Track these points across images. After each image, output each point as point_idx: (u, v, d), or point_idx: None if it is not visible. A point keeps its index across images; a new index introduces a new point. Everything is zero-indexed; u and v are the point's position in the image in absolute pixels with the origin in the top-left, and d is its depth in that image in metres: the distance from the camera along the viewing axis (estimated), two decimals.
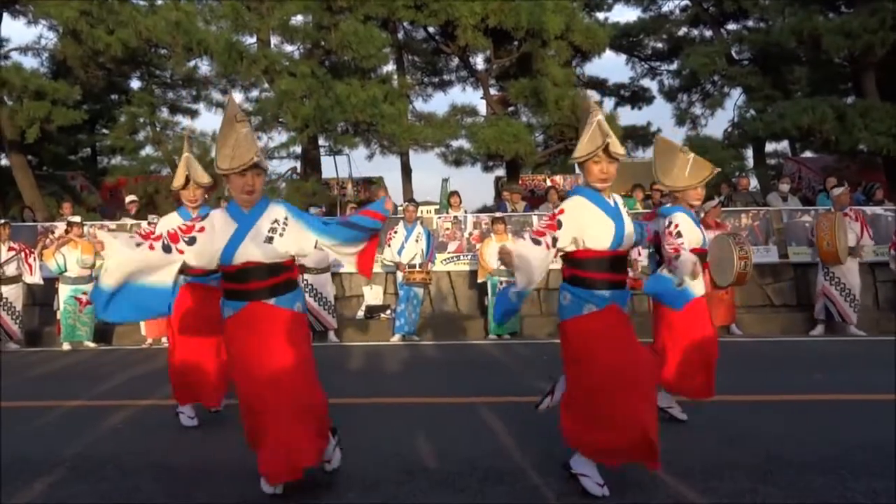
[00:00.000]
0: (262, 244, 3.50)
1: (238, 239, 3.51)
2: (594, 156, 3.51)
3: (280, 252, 3.54)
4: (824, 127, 13.89)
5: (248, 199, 3.55)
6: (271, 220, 3.55)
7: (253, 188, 3.53)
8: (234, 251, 3.50)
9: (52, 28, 16.68)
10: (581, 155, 3.56)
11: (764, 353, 8.43)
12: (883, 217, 11.48)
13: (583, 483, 3.53)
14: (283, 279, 3.61)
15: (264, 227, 3.53)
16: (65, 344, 10.28)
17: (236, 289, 3.60)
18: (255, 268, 3.53)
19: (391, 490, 3.67)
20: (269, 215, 3.57)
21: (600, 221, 3.55)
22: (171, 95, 20.44)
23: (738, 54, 18.78)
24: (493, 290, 10.41)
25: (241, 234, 3.51)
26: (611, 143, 3.47)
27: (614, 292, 3.57)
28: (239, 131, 3.51)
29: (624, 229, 3.57)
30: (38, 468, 4.16)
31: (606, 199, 3.62)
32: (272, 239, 3.52)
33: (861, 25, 13.55)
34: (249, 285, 3.56)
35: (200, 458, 4.36)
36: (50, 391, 6.92)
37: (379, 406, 5.83)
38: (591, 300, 3.54)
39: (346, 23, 14.14)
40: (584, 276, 3.59)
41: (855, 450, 4.13)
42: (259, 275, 3.54)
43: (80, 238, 10.54)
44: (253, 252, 3.50)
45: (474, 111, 17.69)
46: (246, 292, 3.57)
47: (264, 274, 3.55)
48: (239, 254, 3.51)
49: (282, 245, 3.54)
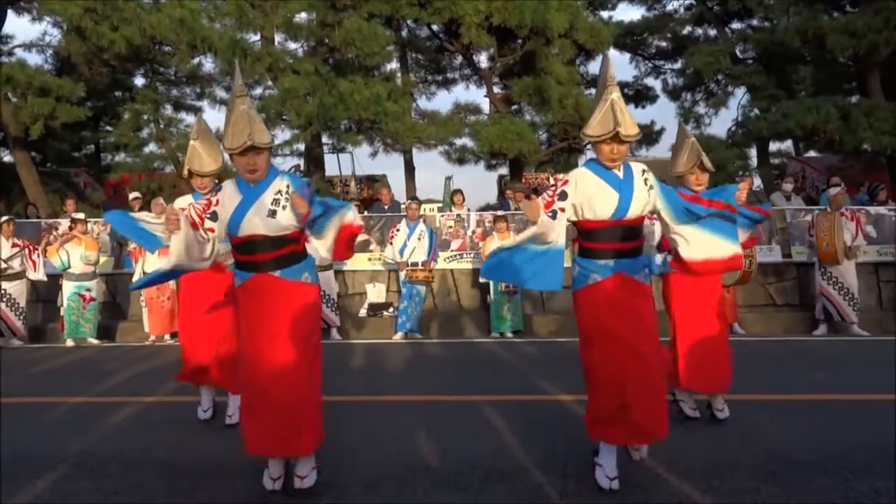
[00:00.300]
0: (265, 218, 3.52)
1: (242, 211, 3.54)
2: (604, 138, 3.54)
3: (283, 225, 3.55)
4: (828, 126, 13.86)
5: (251, 177, 3.57)
6: (275, 192, 3.56)
7: (255, 167, 3.53)
8: (239, 223, 3.55)
9: (57, 25, 16.69)
10: (591, 135, 3.57)
11: (766, 352, 8.42)
12: (887, 217, 11.45)
13: (595, 473, 3.60)
14: (288, 251, 3.63)
15: (268, 200, 3.54)
16: (68, 340, 10.31)
17: (243, 260, 3.67)
18: (260, 240, 3.57)
19: (392, 488, 3.68)
20: (274, 187, 3.57)
21: (603, 191, 3.59)
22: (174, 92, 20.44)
23: (743, 53, 18.76)
24: (496, 288, 10.40)
25: (245, 207, 3.54)
26: (621, 131, 3.47)
27: (620, 261, 3.62)
28: (238, 108, 3.51)
29: (630, 199, 3.57)
30: (41, 465, 4.18)
31: (615, 171, 3.63)
32: (275, 213, 3.53)
33: (866, 25, 13.52)
34: (255, 257, 3.61)
35: (204, 455, 4.37)
36: (53, 388, 6.93)
37: (381, 404, 5.84)
38: (596, 270, 3.64)
39: (350, 20, 14.14)
40: (589, 246, 3.68)
41: (857, 450, 4.12)
42: (264, 247, 3.58)
43: (84, 235, 10.56)
44: (256, 225, 3.53)
45: (478, 109, 17.70)
46: (252, 263, 3.62)
47: (269, 246, 3.58)
48: (243, 226, 3.55)
49: (285, 218, 3.54)
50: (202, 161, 4.98)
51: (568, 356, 7.97)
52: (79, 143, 20.64)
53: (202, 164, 4.97)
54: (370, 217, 12.42)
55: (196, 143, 5.03)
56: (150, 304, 10.30)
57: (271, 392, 3.46)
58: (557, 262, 3.70)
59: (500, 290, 10.33)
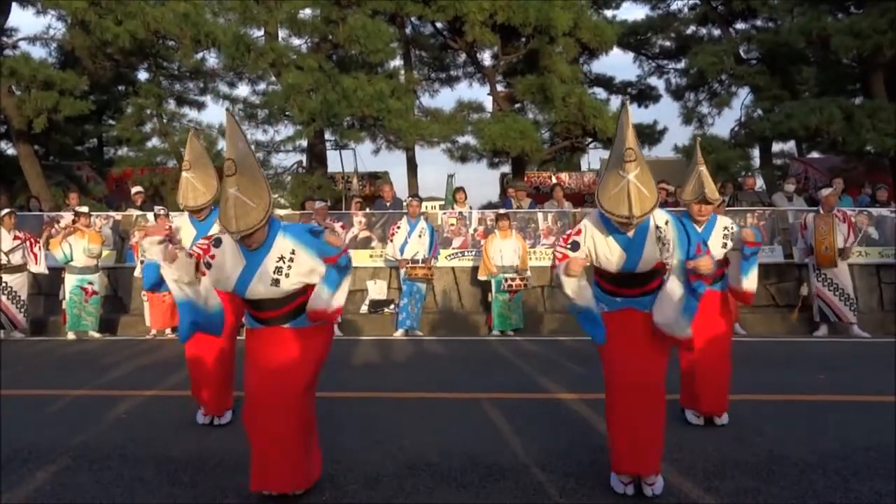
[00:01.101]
0: (269, 286, 3.44)
1: (246, 280, 3.45)
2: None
3: (288, 291, 3.48)
4: (832, 127, 13.84)
5: (251, 246, 3.38)
6: (276, 259, 3.42)
7: (251, 243, 3.34)
8: (245, 289, 3.48)
9: (61, 18, 16.67)
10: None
11: (767, 353, 8.42)
12: (889, 219, 11.43)
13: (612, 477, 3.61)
14: (297, 304, 3.55)
15: (270, 268, 3.41)
16: (70, 333, 10.32)
17: (252, 313, 3.62)
18: (267, 300, 3.52)
19: (393, 485, 3.69)
20: (276, 252, 3.42)
21: (610, 248, 3.56)
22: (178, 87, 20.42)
23: (746, 53, 18.72)
24: (497, 286, 10.40)
25: (248, 275, 3.44)
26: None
27: (629, 300, 3.65)
28: (226, 192, 3.24)
29: (639, 258, 3.53)
30: (42, 457, 4.19)
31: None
32: (278, 281, 3.42)
33: (870, 26, 13.49)
34: (263, 314, 3.57)
35: (204, 449, 4.38)
36: (54, 380, 6.94)
37: (382, 400, 5.84)
38: (603, 301, 3.70)
39: (354, 17, 14.14)
40: (600, 283, 3.75)
41: (858, 451, 4.13)
42: (272, 305, 3.53)
43: (87, 228, 10.56)
44: (261, 292, 3.47)
45: (481, 107, 17.68)
46: (261, 319, 3.59)
47: (277, 304, 3.53)
48: (250, 291, 3.48)
49: (288, 284, 3.45)
50: (196, 194, 4.80)
51: (569, 355, 8.00)
52: (82, 137, 20.64)
53: (196, 197, 4.80)
54: (372, 214, 12.43)
55: (188, 175, 4.81)
56: (152, 298, 10.29)
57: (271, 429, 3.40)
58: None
59: (501, 289, 10.33)
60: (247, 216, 3.20)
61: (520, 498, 3.51)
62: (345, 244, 3.65)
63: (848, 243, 9.96)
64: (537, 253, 11.73)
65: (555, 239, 11.87)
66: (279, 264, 3.41)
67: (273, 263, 3.41)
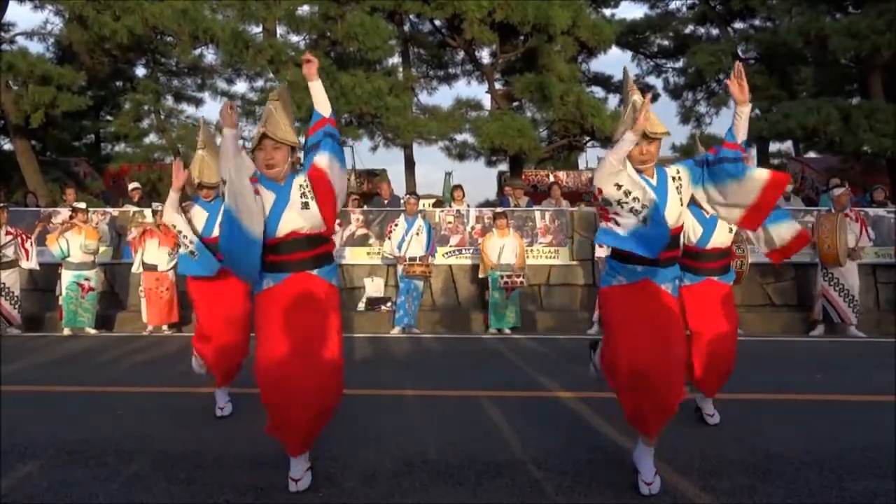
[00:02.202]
0: (300, 211, 3.54)
1: (279, 209, 3.55)
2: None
3: (318, 217, 3.57)
4: (829, 128, 13.85)
5: (269, 173, 3.59)
6: (298, 188, 3.58)
7: (273, 162, 3.57)
8: (278, 221, 3.54)
9: (59, 13, 16.68)
10: (616, 138, 3.53)
11: (764, 352, 8.43)
12: (886, 219, 11.46)
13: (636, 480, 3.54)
14: (324, 251, 3.67)
15: (296, 195, 3.56)
16: (66, 329, 10.30)
17: (279, 260, 3.61)
18: (299, 239, 3.58)
19: (390, 482, 3.69)
20: (296, 183, 3.60)
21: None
22: (176, 83, 20.46)
23: (744, 53, 18.76)
24: (494, 284, 10.41)
25: (281, 205, 3.55)
26: (647, 127, 3.39)
27: (649, 268, 3.53)
28: (267, 107, 3.67)
29: (665, 205, 3.47)
30: (38, 453, 4.18)
31: (650, 179, 3.52)
32: (307, 204, 3.55)
33: (868, 27, 13.50)
34: (293, 256, 3.60)
35: (201, 445, 4.37)
36: (50, 376, 6.92)
37: (378, 398, 5.84)
38: (622, 273, 3.60)
39: (353, 14, 14.15)
40: (618, 250, 3.61)
41: (854, 450, 4.14)
42: (302, 245, 3.59)
43: (84, 224, 10.54)
44: (295, 220, 3.54)
45: (479, 105, 17.72)
46: (289, 263, 3.60)
47: (306, 245, 3.60)
48: (282, 225, 3.54)
49: (316, 208, 3.57)
50: (211, 171, 5.00)
51: (567, 353, 8.01)
52: (79, 133, 20.63)
53: (212, 174, 5.00)
54: (369, 211, 12.42)
55: (203, 154, 5.06)
56: (149, 294, 10.30)
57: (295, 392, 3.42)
58: None
59: (498, 287, 10.33)
60: (276, 127, 3.59)
61: (516, 495, 3.51)
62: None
63: (860, 243, 9.97)
64: (535, 251, 11.74)
65: (552, 238, 11.89)
66: (302, 190, 3.57)
67: (297, 192, 3.56)
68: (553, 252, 11.89)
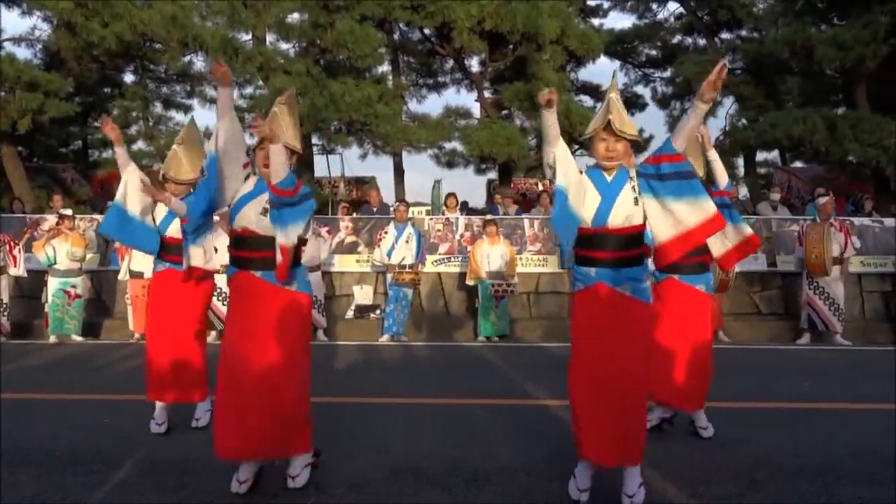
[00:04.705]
0: (258, 214, 3.58)
1: (243, 202, 3.62)
2: (597, 133, 3.45)
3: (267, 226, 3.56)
4: (815, 137, 13.99)
5: (266, 172, 3.58)
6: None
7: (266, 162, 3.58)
8: (237, 213, 3.62)
9: (47, 19, 16.59)
10: (587, 132, 3.53)
11: (751, 360, 8.48)
12: (871, 228, 11.57)
13: (570, 482, 3.55)
14: (274, 255, 3.56)
15: (265, 199, 3.57)
16: (52, 337, 10.23)
17: (233, 255, 3.68)
18: (250, 237, 3.60)
19: (379, 489, 3.68)
20: None
21: (588, 190, 3.46)
22: (164, 90, 20.40)
23: (731, 63, 18.88)
24: (484, 292, 10.41)
25: (247, 199, 3.62)
26: (613, 121, 3.36)
27: (601, 270, 3.44)
28: (273, 110, 3.74)
29: (611, 208, 3.41)
30: (24, 460, 4.15)
31: (607, 177, 3.48)
32: (267, 211, 3.56)
33: (853, 37, 13.66)
34: (242, 253, 3.64)
35: (189, 452, 4.34)
36: (37, 384, 6.87)
37: (367, 405, 5.83)
38: (579, 278, 3.55)
39: (343, 22, 14.16)
40: (576, 252, 3.56)
41: (842, 457, 4.17)
42: (253, 245, 3.61)
43: (71, 231, 10.48)
44: (249, 219, 3.59)
45: (468, 113, 17.76)
46: (240, 260, 3.64)
47: (258, 245, 3.60)
48: (238, 217, 3.62)
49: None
50: (180, 168, 4.87)
51: (555, 361, 8.02)
52: (66, 139, 20.50)
53: (179, 170, 4.87)
54: (358, 219, 12.42)
55: (178, 149, 4.93)
56: (136, 301, 10.23)
57: (259, 394, 3.46)
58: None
59: (487, 295, 10.34)
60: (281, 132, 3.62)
61: (506, 502, 3.51)
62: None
63: (846, 253, 10.03)
64: (523, 259, 11.76)
65: (541, 246, 11.92)
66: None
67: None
68: (542, 260, 11.92)
